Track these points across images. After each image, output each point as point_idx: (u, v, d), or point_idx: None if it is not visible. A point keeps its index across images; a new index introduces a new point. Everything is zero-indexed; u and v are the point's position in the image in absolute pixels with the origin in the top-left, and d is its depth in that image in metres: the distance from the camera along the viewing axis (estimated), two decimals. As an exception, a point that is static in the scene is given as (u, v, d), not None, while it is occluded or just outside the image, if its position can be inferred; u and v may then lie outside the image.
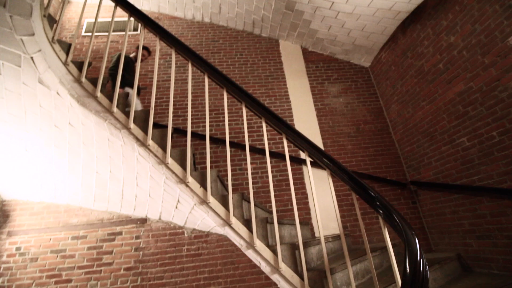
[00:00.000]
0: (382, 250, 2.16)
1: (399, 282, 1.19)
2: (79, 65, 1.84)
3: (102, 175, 2.52)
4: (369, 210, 3.16)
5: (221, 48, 4.08)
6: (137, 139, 1.72)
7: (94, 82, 1.83)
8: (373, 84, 3.98)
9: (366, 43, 3.72)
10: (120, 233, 2.96)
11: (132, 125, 1.72)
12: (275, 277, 1.45)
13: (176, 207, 2.45)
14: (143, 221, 3.01)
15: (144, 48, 3.33)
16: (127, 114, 1.77)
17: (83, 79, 1.79)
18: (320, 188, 3.18)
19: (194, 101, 3.62)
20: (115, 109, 1.75)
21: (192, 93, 3.66)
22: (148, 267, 2.81)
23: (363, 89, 3.94)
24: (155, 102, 3.57)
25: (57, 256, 2.85)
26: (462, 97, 2.56)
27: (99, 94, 1.77)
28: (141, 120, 1.80)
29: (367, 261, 1.92)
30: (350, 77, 4.01)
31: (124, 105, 1.85)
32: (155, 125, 3.09)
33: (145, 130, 1.76)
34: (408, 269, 1.03)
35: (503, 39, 2.19)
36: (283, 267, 1.44)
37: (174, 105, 3.58)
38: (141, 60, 3.35)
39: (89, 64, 1.95)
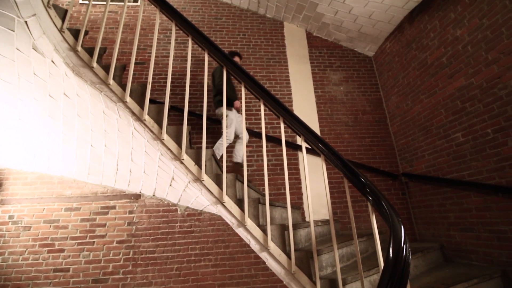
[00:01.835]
0: (369, 237, 2.22)
1: (382, 265, 1.23)
2: (75, 33, 1.78)
3: (96, 149, 2.51)
4: (360, 199, 3.23)
5: (223, 26, 3.97)
6: (133, 113, 1.70)
7: (90, 52, 1.78)
8: (375, 74, 3.94)
9: (372, 32, 3.65)
10: (113, 207, 2.99)
11: (128, 99, 1.70)
12: (264, 255, 1.50)
13: (170, 185, 2.48)
14: (137, 196, 3.04)
15: (236, 54, 3.19)
16: (123, 87, 1.74)
17: (79, 48, 1.74)
18: (314, 175, 3.22)
19: (193, 79, 3.56)
20: (111, 81, 1.72)
21: (191, 71, 3.59)
22: (141, 241, 2.87)
23: (364, 78, 3.90)
24: (153, 79, 3.50)
25: (50, 226, 2.88)
26: (462, 93, 2.56)
27: (95, 64, 1.73)
28: (138, 95, 1.77)
29: (354, 245, 1.98)
30: (352, 66, 3.96)
31: (121, 77, 1.81)
32: (152, 101, 3.05)
33: (141, 104, 1.73)
34: (391, 253, 1.06)
35: (509, 36, 2.16)
36: (272, 246, 1.48)
37: (172, 82, 3.52)
38: None
39: (86, 33, 1.88)
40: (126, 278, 2.75)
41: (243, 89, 1.80)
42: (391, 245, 1.09)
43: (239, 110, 2.96)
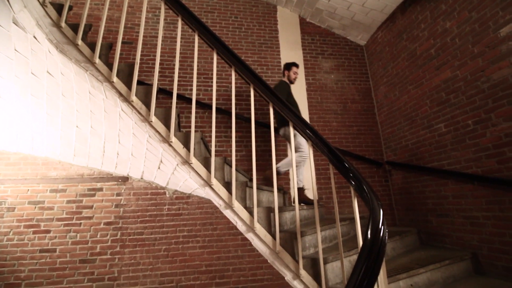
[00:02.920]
0: (351, 221, 2.33)
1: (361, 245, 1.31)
2: (59, 8, 1.71)
3: (82, 130, 2.46)
4: (345, 185, 3.33)
5: (215, 7, 3.86)
6: (120, 94, 1.67)
7: (75, 28, 1.71)
8: (366, 63, 3.97)
9: (364, 20, 3.64)
10: (100, 189, 2.98)
11: (115, 79, 1.66)
12: (250, 236, 1.55)
13: (159, 168, 2.48)
14: (125, 179, 3.03)
15: (293, 64, 3.08)
16: (110, 66, 1.70)
17: (63, 24, 1.67)
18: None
19: (183, 62, 3.49)
20: (97, 60, 1.67)
21: (181, 53, 3.51)
22: (128, 223, 2.89)
23: (355, 67, 3.93)
24: (141, 60, 3.41)
25: (35, 207, 2.85)
26: (447, 85, 2.63)
27: (80, 42, 1.67)
28: (125, 75, 1.73)
29: (336, 228, 2.07)
30: (344, 54, 3.97)
31: (107, 56, 1.76)
32: (140, 83, 2.98)
33: (128, 85, 1.70)
34: (369, 233, 1.13)
35: (495, 30, 2.21)
36: (258, 227, 1.54)
37: (161, 64, 3.44)
38: (295, 78, 3.10)
39: (70, 8, 1.80)
40: (114, 259, 2.78)
41: (233, 73, 1.79)
42: (369, 226, 1.15)
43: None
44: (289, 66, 3.07)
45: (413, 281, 1.83)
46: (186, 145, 1.65)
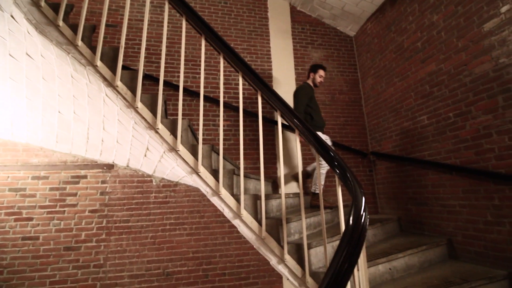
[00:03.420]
0: (335, 209, 2.40)
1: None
2: (37, -15, 1.61)
3: (65, 116, 2.38)
4: (330, 174, 3.40)
5: (204, -8, 3.74)
6: (104, 79, 1.62)
7: (55, 8, 1.63)
8: (355, 55, 4.00)
9: (355, 10, 3.64)
10: (85, 177, 2.92)
11: (98, 63, 1.60)
12: (236, 222, 1.58)
13: (145, 155, 2.45)
14: (110, 166, 2.98)
15: (321, 67, 2.88)
16: (93, 49, 1.64)
17: (43, 3, 1.59)
18: (290, 150, 3.32)
19: (170, 48, 3.39)
20: (79, 42, 1.60)
21: (168, 38, 3.41)
22: (114, 211, 2.87)
23: (344, 58, 3.95)
24: (127, 44, 3.29)
25: (16, 194, 2.77)
26: (431, 78, 2.70)
27: (61, 22, 1.59)
28: (110, 59, 1.68)
29: (320, 215, 2.13)
30: (333, 45, 3.97)
31: (90, 39, 1.70)
32: (126, 68, 2.89)
33: (113, 70, 1.65)
34: (351, 220, 1.17)
35: (479, 24, 2.27)
36: (244, 213, 1.56)
37: (147, 49, 3.34)
38: (320, 82, 2.91)
39: (49, -14, 1.71)
40: (99, 246, 2.77)
41: (221, 61, 1.77)
42: (352, 213, 1.20)
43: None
44: (316, 68, 2.88)
45: (391, 265, 1.93)
46: (173, 132, 1.63)
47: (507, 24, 2.03)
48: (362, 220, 1.18)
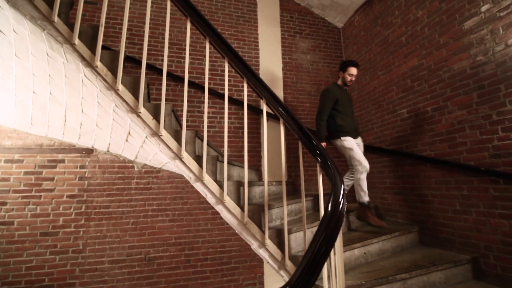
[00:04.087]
0: (316, 197, 2.47)
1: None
2: (7, -48, 1.48)
3: (40, 96, 2.26)
4: (313, 164, 3.48)
5: (190, -28, 3.59)
6: (83, 58, 1.55)
7: (27, -22, 1.51)
8: (342, 46, 4.03)
9: (343, 1, 3.64)
10: (62, 161, 2.81)
11: (76, 41, 1.52)
12: (219, 208, 1.60)
13: (127, 140, 2.38)
14: (89, 151, 2.88)
15: (350, 64, 2.52)
16: (71, 26, 1.55)
17: (13, -28, 1.47)
18: (275, 140, 3.35)
19: (154, 29, 3.27)
20: (55, 18, 1.51)
21: (152, 20, 3.27)
22: (94, 196, 2.80)
23: (331, 49, 3.97)
24: (107, 23, 3.13)
25: (-13, 178, 2.64)
26: (413, 72, 2.78)
27: (34, -5, 1.49)
28: (89, 38, 1.60)
29: (301, 201, 2.20)
30: (321, 35, 3.97)
31: (67, 15, 1.60)
32: (106, 48, 2.76)
33: (92, 49, 1.57)
34: (330, 206, 1.22)
35: (461, 22, 2.34)
36: (227, 199, 1.58)
37: (130, 30, 3.19)
38: (351, 81, 2.56)
39: (21, -46, 1.58)
40: (78, 232, 2.71)
41: (207, 45, 1.73)
42: (331, 199, 1.24)
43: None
44: (345, 66, 2.55)
45: (366, 249, 2.03)
46: (156, 116, 1.60)
47: (486, 23, 2.11)
48: (340, 207, 1.23)
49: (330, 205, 1.23)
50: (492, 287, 1.84)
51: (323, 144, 2.41)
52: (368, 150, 3.36)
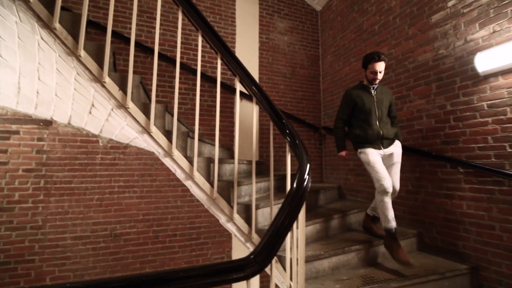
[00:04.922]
0: (284, 176, 2.56)
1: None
2: None
3: (-13, 58, 2.01)
4: (283, 145, 3.58)
5: None
6: (39, 18, 1.40)
7: None
8: (318, 30, 4.04)
9: (322, -17, 3.61)
10: (17, 132, 2.59)
11: (31, -3, 1.36)
12: (188, 183, 1.61)
13: (90, 112, 2.25)
14: (48, 123, 2.67)
15: (372, 58, 1.99)
16: (23, -21, 1.37)
17: None
18: (248, 119, 3.36)
19: (122, -6, 3.00)
20: (4, -33, 1.33)
21: (120, -18, 3.00)
22: (54, 171, 2.64)
23: (308, 32, 3.97)
24: (68, -19, 2.81)
25: None
26: (382, 61, 2.89)
27: None
28: (45, -5, 1.43)
29: (270, 179, 2.28)
30: (299, 17, 3.94)
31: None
32: (67, 10, 2.50)
33: (50, 9, 1.42)
34: (295, 183, 1.29)
35: (429, 15, 2.45)
36: (197, 175, 1.59)
37: (94, -9, 2.90)
38: (375, 79, 2.08)
39: None
40: (37, 207, 2.57)
41: (180, 15, 1.64)
42: (297, 176, 1.31)
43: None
44: (366, 61, 2.07)
45: (327, 224, 2.19)
46: (123, 88, 1.52)
47: (451, 18, 2.24)
48: (305, 183, 1.30)
49: (296, 181, 1.30)
50: (430, 256, 2.11)
51: (343, 153, 2.20)
52: (331, 133, 3.52)
